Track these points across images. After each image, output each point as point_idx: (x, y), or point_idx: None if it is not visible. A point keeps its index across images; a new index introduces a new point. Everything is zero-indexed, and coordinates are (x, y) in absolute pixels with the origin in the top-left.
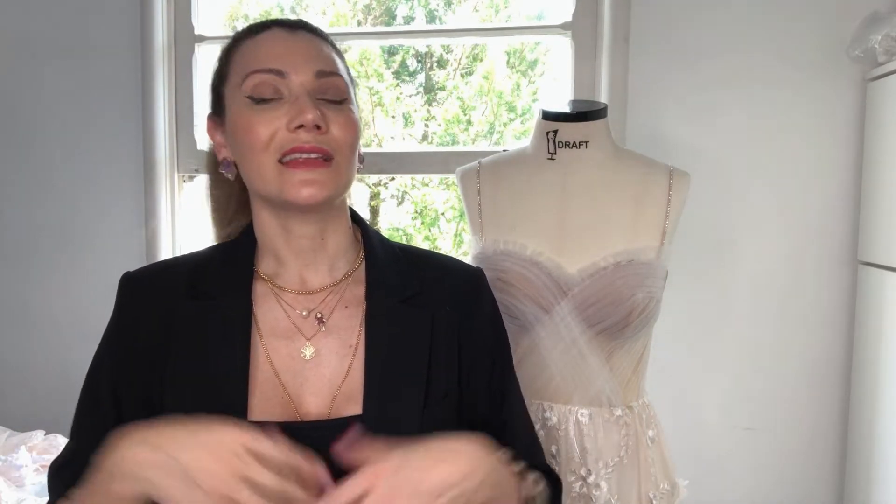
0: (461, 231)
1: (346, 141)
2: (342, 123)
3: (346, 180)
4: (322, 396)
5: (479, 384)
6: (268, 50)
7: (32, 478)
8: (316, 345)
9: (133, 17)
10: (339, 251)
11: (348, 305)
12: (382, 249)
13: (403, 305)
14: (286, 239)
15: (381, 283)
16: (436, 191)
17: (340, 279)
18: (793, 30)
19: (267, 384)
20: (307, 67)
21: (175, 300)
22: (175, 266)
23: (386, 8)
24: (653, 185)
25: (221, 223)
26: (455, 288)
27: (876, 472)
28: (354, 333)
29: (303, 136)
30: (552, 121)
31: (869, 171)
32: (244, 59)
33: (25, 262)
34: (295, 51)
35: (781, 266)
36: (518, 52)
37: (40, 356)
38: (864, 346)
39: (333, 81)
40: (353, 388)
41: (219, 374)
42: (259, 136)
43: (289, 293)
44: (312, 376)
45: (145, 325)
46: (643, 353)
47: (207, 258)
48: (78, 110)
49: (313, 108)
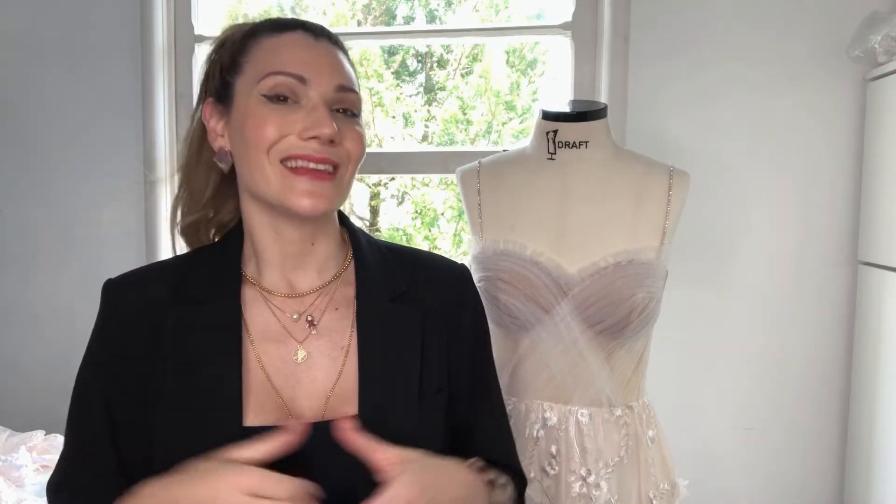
0: (460, 231)
1: (356, 155)
2: (354, 138)
3: (347, 193)
4: (316, 399)
5: (462, 379)
6: (291, 53)
7: (32, 478)
8: (308, 347)
9: (133, 17)
10: (328, 254)
11: (338, 307)
12: (370, 249)
13: (393, 304)
14: (277, 242)
15: (370, 282)
16: (435, 190)
17: (329, 281)
18: (793, 30)
19: (260, 389)
20: (330, 80)
21: (161, 306)
22: (158, 271)
23: (386, 8)
24: (653, 184)
25: (191, 208)
26: (442, 285)
27: (876, 472)
28: (346, 335)
29: (314, 146)
30: (552, 121)
31: (869, 171)
32: (265, 56)
33: (25, 262)
34: (319, 60)
35: (781, 266)
36: (517, 52)
37: (40, 356)
38: (864, 346)
39: (351, 97)
40: (346, 389)
41: (211, 380)
42: (268, 135)
43: (278, 296)
44: (305, 379)
45: (131, 333)
46: (643, 353)
47: (192, 262)
48: (78, 110)
49: (331, 123)
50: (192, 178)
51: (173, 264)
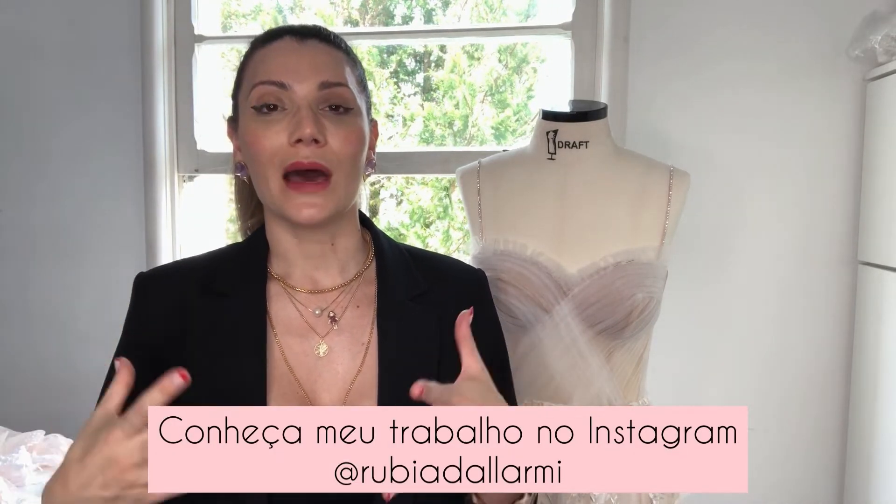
0: (447, 230)
1: (346, 154)
2: (343, 136)
3: (348, 194)
4: (336, 392)
5: None
6: (274, 61)
7: (32, 478)
8: (329, 342)
9: (133, 17)
10: (348, 254)
11: (359, 305)
12: (391, 250)
13: (413, 303)
14: (297, 244)
15: (390, 281)
16: (422, 188)
17: (351, 279)
18: (793, 29)
19: (283, 380)
20: (311, 79)
21: (190, 299)
22: (188, 266)
23: (384, 7)
24: (653, 184)
25: (244, 215)
26: (460, 288)
27: (876, 472)
28: (366, 331)
29: (302, 150)
30: (552, 121)
31: (869, 171)
32: (254, 69)
33: (25, 262)
34: (300, 62)
35: (781, 266)
36: (509, 49)
37: (40, 356)
38: (864, 346)
39: (338, 92)
40: (365, 384)
41: (236, 371)
42: (263, 148)
43: (301, 292)
44: (326, 373)
45: (161, 323)
46: (643, 353)
47: (220, 258)
48: (78, 110)
49: (311, 123)
50: (239, 191)
51: (202, 260)
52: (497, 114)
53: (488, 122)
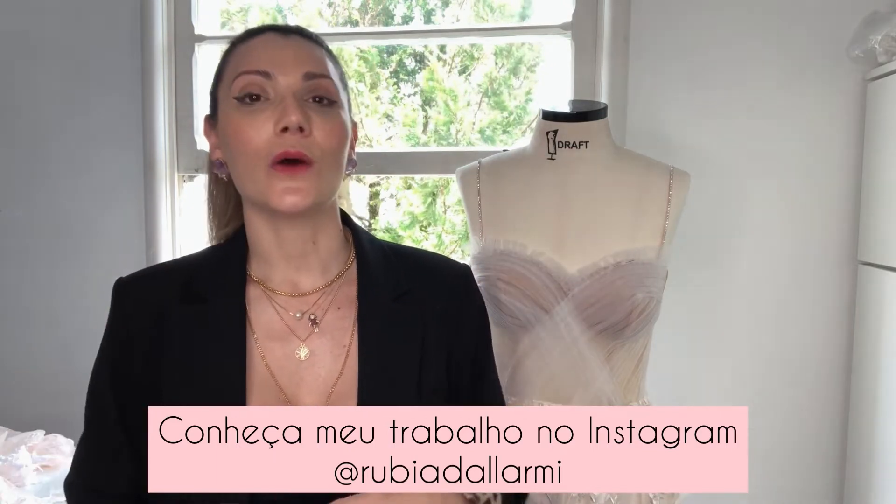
0: (440, 234)
1: (330, 146)
2: (327, 129)
3: (331, 185)
4: (318, 395)
5: (463, 378)
6: (258, 53)
7: (32, 478)
8: (310, 345)
9: (133, 17)
10: (330, 253)
11: (340, 306)
12: (372, 249)
13: (395, 303)
14: (277, 243)
15: (372, 282)
16: (414, 194)
17: (332, 280)
18: (793, 30)
19: (263, 385)
20: (295, 69)
21: (169, 304)
22: (167, 270)
23: (383, 7)
24: (653, 185)
25: (219, 224)
26: (444, 285)
27: (876, 472)
28: (348, 333)
29: (288, 139)
30: (552, 121)
31: (869, 171)
32: (236, 62)
33: (25, 262)
34: (284, 53)
35: (781, 266)
36: (506, 50)
37: (40, 356)
38: (864, 346)
39: (322, 83)
40: (347, 387)
41: (215, 376)
42: (247, 139)
43: (281, 295)
44: (308, 376)
45: (140, 330)
46: (643, 352)
47: (199, 262)
48: (78, 110)
49: (297, 111)
50: (213, 196)
51: (182, 264)
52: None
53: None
